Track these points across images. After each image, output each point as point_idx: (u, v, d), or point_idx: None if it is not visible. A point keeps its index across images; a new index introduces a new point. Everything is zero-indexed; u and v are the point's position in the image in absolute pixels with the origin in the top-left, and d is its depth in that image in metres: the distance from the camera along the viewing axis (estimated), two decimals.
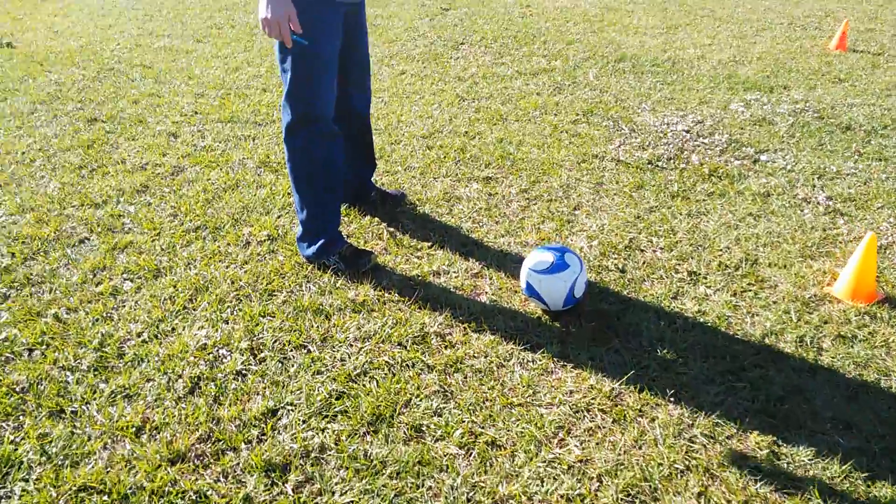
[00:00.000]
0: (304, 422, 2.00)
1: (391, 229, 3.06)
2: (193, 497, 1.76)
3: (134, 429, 1.96)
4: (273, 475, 1.83)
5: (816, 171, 3.68)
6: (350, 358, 2.26)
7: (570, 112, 4.55)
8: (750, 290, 2.63)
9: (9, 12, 7.78)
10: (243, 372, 2.20)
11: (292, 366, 2.23)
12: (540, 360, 2.25)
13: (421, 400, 2.09)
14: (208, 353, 2.27)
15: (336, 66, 2.50)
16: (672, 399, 2.09)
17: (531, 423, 1.99)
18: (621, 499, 1.76)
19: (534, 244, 2.94)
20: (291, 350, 2.30)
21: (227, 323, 2.43)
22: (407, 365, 2.24)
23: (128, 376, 2.17)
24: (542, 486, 1.80)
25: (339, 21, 2.44)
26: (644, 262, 2.81)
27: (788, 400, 2.08)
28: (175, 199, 3.32)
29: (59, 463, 1.85)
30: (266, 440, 1.94)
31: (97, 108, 4.60)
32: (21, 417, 2.01)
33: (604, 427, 1.99)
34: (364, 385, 2.14)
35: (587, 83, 5.19)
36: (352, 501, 1.75)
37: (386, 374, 2.20)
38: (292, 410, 2.04)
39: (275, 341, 2.33)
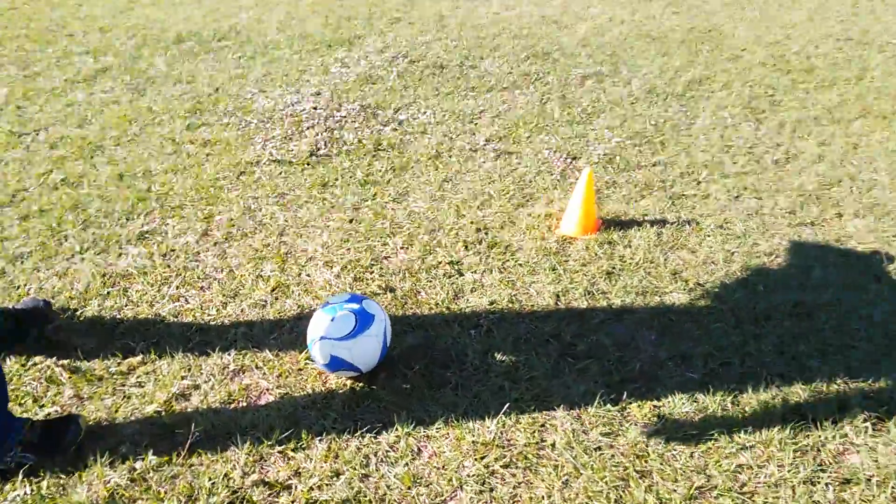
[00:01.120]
0: None
1: (63, 361, 2.06)
2: None
3: None
4: None
5: (457, 117, 3.78)
6: None
7: (175, 116, 3.74)
8: (509, 262, 2.57)
9: None
10: None
11: None
12: (402, 444, 1.81)
13: None
14: None
15: None
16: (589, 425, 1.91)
17: None
18: None
19: (272, 301, 2.34)
20: None
21: None
22: None
23: None
24: None
25: None
26: (400, 271, 2.49)
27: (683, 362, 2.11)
28: None
29: None
30: None
31: None
32: None
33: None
34: None
35: (165, 75, 4.33)
36: None
37: None
38: None
39: None
